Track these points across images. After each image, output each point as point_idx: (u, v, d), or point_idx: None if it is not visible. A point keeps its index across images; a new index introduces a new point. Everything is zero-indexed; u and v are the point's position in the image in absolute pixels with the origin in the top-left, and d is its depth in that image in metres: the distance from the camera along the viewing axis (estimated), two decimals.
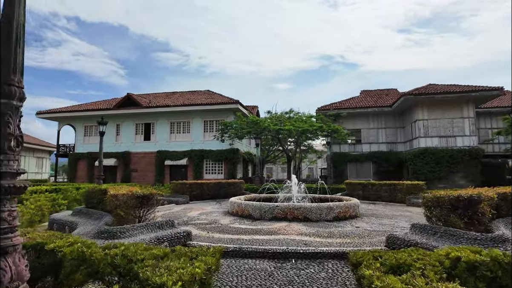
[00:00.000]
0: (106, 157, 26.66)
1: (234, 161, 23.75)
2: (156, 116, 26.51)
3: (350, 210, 8.58)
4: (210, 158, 24.49)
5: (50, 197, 9.82)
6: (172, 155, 25.41)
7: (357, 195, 14.40)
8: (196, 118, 25.66)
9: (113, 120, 27.45)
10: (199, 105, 24.57)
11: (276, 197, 10.85)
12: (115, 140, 27.41)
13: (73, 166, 27.75)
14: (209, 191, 14.05)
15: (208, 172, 24.86)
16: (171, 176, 25.72)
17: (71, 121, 28.62)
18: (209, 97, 26.24)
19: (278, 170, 73.73)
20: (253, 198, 11.44)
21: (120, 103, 26.69)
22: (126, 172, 26.44)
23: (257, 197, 11.42)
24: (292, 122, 21.93)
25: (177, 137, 26.15)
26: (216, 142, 24.15)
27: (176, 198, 12.93)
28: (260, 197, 11.40)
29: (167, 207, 11.54)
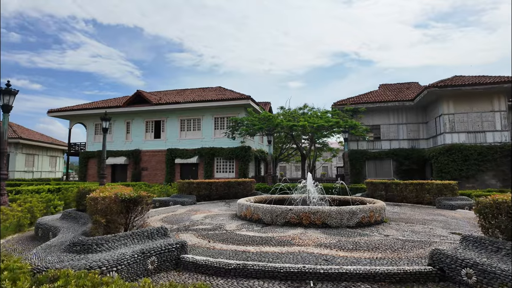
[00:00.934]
0: (116, 155, 26.32)
1: (246, 159, 22.80)
2: (166, 113, 25.88)
3: (375, 215, 7.45)
4: (221, 156, 23.63)
5: (45, 198, 9.14)
6: (182, 153, 24.71)
7: (379, 196, 13.15)
8: (207, 115, 24.86)
9: (123, 118, 27.06)
10: (210, 102, 23.73)
11: (290, 198, 9.80)
12: (125, 138, 26.98)
13: (84, 165, 27.52)
14: (218, 191, 13.13)
15: (219, 171, 24.02)
16: (182, 175, 25.06)
17: (82, 120, 28.40)
18: (220, 93, 25.38)
19: (291, 169, 72.47)
20: (264, 199, 10.44)
21: (130, 100, 26.20)
22: (136, 171, 25.96)
23: (269, 198, 10.41)
24: (306, 118, 20.75)
25: (187, 134, 25.44)
26: (227, 140, 23.27)
27: (182, 198, 12.08)
28: (272, 198, 10.38)
29: (172, 208, 10.69)
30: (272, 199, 10.15)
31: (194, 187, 12.69)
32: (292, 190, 12.38)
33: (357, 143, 24.44)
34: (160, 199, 11.96)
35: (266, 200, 10.45)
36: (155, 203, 11.84)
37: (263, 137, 29.06)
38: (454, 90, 19.46)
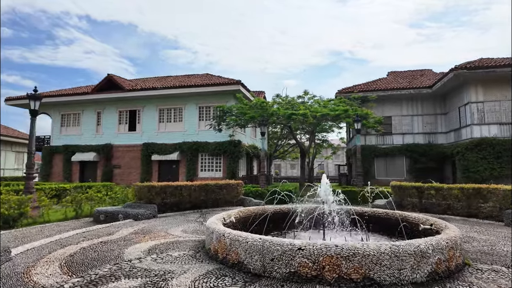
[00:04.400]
0: (85, 150, 22.59)
1: (235, 156, 19.25)
2: (143, 101, 22.15)
3: (456, 254, 4.00)
4: (206, 152, 20.04)
5: None
6: (160, 148, 21.05)
7: (410, 204, 9.74)
8: (190, 104, 21.20)
9: (93, 106, 23.27)
10: (193, 87, 20.08)
11: (292, 212, 6.36)
12: (95, 130, 23.19)
13: (47, 162, 23.66)
14: (191, 198, 9.57)
15: (204, 169, 20.44)
16: (160, 174, 21.42)
17: (46, 109, 24.47)
18: (206, 79, 21.72)
19: (286, 167, 69.13)
20: (252, 215, 6.93)
21: (100, 86, 22.40)
22: (107, 168, 22.22)
23: (259, 213, 6.90)
24: (307, 106, 17.28)
25: (167, 126, 21.76)
26: (213, 133, 19.68)
27: (137, 209, 8.50)
28: (265, 212, 6.88)
29: (112, 227, 7.12)
30: (265, 214, 6.64)
31: (157, 193, 9.08)
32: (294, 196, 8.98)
33: (365, 137, 21.06)
34: (106, 209, 8.37)
35: (255, 215, 6.93)
36: (99, 216, 8.27)
37: (256, 131, 25.52)
38: (486, 73, 16.13)
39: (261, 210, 7.08)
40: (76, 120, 23.94)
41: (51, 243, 5.36)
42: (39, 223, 8.01)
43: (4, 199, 7.61)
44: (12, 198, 7.56)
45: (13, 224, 7.52)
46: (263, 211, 7.06)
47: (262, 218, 6.60)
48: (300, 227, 6.27)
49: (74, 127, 23.92)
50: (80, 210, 9.16)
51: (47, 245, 5.21)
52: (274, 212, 6.96)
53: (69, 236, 5.97)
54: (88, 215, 9.31)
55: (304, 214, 6.37)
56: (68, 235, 6.07)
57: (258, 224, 6.67)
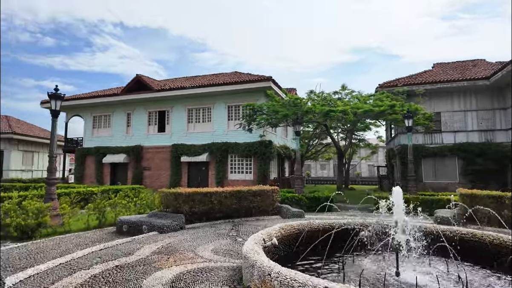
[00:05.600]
0: (115, 152, 22.55)
1: (267, 157, 18.10)
2: (171, 101, 21.67)
3: None
4: (236, 153, 19.08)
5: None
6: (189, 149, 20.41)
7: (485, 216, 8.01)
8: (219, 103, 20.36)
9: (123, 108, 23.19)
10: (222, 85, 19.20)
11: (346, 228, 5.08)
12: (125, 132, 23.09)
13: (80, 164, 23.95)
14: (222, 206, 8.51)
15: (234, 171, 19.49)
16: (189, 176, 20.81)
17: (79, 111, 24.86)
18: (235, 77, 20.78)
19: (317, 167, 66.89)
20: (296, 231, 5.71)
21: (129, 86, 22.23)
22: (137, 170, 22.00)
23: (305, 229, 5.67)
24: (346, 102, 15.73)
25: (196, 127, 21.09)
26: (243, 133, 18.68)
27: (163, 220, 7.59)
28: (312, 227, 5.64)
29: (139, 240, 6.23)
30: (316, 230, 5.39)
31: (184, 201, 8.12)
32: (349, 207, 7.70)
33: None
34: (129, 219, 7.54)
35: (300, 233, 5.71)
36: (122, 226, 7.46)
37: (286, 130, 24.23)
38: None
39: (306, 226, 5.83)
40: (107, 122, 24.04)
41: (60, 267, 4.49)
42: (59, 234, 7.33)
43: (25, 206, 7.00)
44: (30, 206, 6.91)
45: (32, 234, 6.88)
46: (309, 227, 5.82)
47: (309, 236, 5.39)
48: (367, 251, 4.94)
49: (105, 128, 24.03)
50: (104, 219, 8.44)
51: (53, 270, 4.33)
52: (323, 229, 5.70)
53: (83, 256, 5.10)
54: (112, 224, 8.58)
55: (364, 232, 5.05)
56: (83, 253, 5.21)
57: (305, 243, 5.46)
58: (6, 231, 6.72)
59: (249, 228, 7.61)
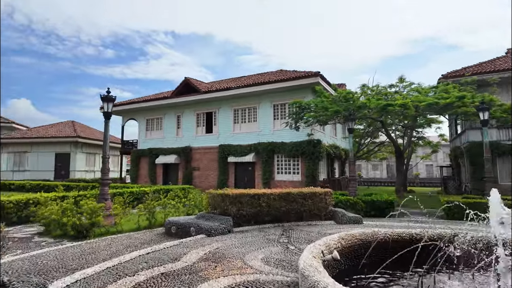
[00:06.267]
0: (167, 153, 23.41)
1: (315, 157, 17.20)
2: (218, 102, 21.83)
3: None
4: (282, 153, 18.47)
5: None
6: (236, 150, 20.32)
7: None
8: (264, 102, 19.96)
9: (174, 110, 24.00)
10: (267, 84, 18.77)
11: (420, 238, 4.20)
12: (176, 133, 23.85)
13: (135, 164, 25.33)
14: (270, 209, 7.98)
15: (281, 172, 18.91)
16: (236, 176, 20.73)
17: (134, 115, 26.34)
18: (281, 75, 20.21)
19: (368, 168, 63.29)
20: (358, 242, 4.95)
21: (178, 89, 22.90)
22: (187, 171, 22.55)
23: (368, 239, 4.90)
24: (405, 95, 14.22)
25: (242, 127, 20.95)
26: (290, 132, 18.04)
27: (211, 222, 7.30)
28: (375, 237, 4.85)
29: (186, 244, 5.98)
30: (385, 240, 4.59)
31: (231, 202, 7.76)
32: None
33: (480, 131, 16.66)
34: (178, 220, 7.39)
35: (362, 243, 4.95)
36: (171, 228, 7.33)
37: (335, 129, 22.98)
38: None
39: (370, 236, 5.03)
40: (159, 124, 25.10)
41: (106, 272, 4.34)
42: (111, 234, 7.45)
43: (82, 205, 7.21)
44: (85, 206, 7.09)
45: (86, 234, 7.05)
46: (373, 237, 5.01)
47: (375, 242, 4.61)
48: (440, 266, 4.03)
49: (157, 131, 25.11)
50: (153, 219, 8.45)
51: (99, 275, 4.18)
52: (392, 239, 4.87)
53: (130, 260, 4.93)
54: (161, 224, 8.57)
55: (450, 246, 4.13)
56: (130, 257, 5.05)
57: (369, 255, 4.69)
58: (64, 230, 6.96)
59: (301, 234, 6.97)
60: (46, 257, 5.33)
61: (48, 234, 7.33)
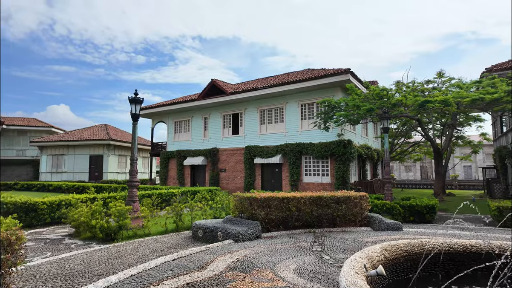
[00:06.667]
0: (194, 155, 23.57)
1: (346, 158, 16.43)
2: (244, 103, 21.64)
3: None
4: (310, 154, 17.86)
5: None
6: (262, 151, 19.97)
7: None
8: (291, 102, 19.46)
9: (201, 113, 24.14)
10: (295, 83, 18.26)
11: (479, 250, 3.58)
12: (203, 135, 23.95)
13: (164, 166, 25.77)
14: (301, 214, 7.53)
15: (309, 173, 18.29)
16: (263, 178, 20.38)
17: (163, 117, 26.85)
18: (308, 74, 19.61)
19: (400, 169, 60.48)
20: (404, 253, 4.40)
21: (205, 92, 22.98)
22: (214, 172, 22.54)
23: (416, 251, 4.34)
24: (444, 91, 13.15)
25: (268, 128, 20.58)
26: (318, 132, 17.41)
27: (238, 226, 6.99)
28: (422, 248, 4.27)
29: (213, 250, 5.71)
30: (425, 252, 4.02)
31: (259, 206, 7.40)
32: None
33: None
34: (205, 224, 7.16)
35: (409, 255, 4.39)
36: (198, 231, 7.12)
37: (366, 128, 21.96)
38: None
39: (417, 247, 4.46)
40: (186, 126, 25.37)
41: (130, 280, 4.13)
42: (139, 236, 7.36)
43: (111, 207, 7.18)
44: (113, 209, 7.04)
45: (114, 236, 7.00)
46: (420, 248, 4.44)
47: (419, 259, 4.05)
48: None
49: (185, 133, 25.39)
50: (180, 222, 8.30)
51: (123, 284, 3.97)
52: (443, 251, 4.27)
53: (155, 267, 4.71)
54: (188, 228, 8.41)
55: None
56: (155, 264, 4.83)
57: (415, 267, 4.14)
58: (93, 232, 6.95)
59: (335, 242, 6.46)
60: (73, 261, 5.27)
61: (78, 236, 7.38)
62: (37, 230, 8.27)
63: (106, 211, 7.52)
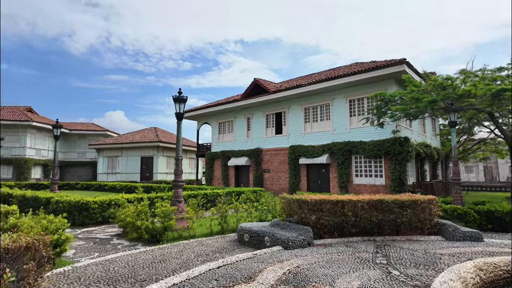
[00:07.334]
0: (238, 155, 23.47)
1: (402, 158, 14.93)
2: (288, 102, 20.97)
3: None
4: (361, 153, 16.57)
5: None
6: (307, 151, 19.10)
7: None
8: (338, 98, 18.33)
9: (243, 113, 23.97)
10: (343, 77, 17.14)
11: None
12: (246, 135, 23.75)
13: (209, 167, 26.06)
14: (358, 219, 6.68)
15: (360, 174, 17.00)
16: (308, 179, 19.50)
17: (207, 119, 27.23)
18: (356, 68, 18.32)
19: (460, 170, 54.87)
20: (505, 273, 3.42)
21: (247, 91, 22.76)
22: (258, 173, 22.17)
23: None
24: None
25: (313, 127, 19.64)
26: (370, 130, 16.12)
27: (287, 232, 6.37)
28: None
29: (261, 257, 5.17)
30: None
31: (310, 210, 6.71)
32: None
33: None
34: (251, 227, 6.68)
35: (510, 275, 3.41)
36: (243, 235, 6.68)
37: (424, 124, 19.93)
38: None
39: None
40: (230, 127, 25.40)
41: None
42: (183, 238, 7.11)
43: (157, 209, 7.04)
44: (157, 210, 6.87)
45: (159, 238, 6.82)
46: None
47: None
48: None
49: (228, 133, 25.44)
50: (226, 224, 7.92)
51: None
52: None
53: (199, 275, 4.30)
54: (233, 230, 8.01)
55: None
56: (199, 271, 4.42)
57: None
58: (139, 233, 6.84)
59: (402, 253, 5.53)
60: (118, 263, 5.10)
61: (126, 236, 7.35)
62: (89, 228, 8.49)
63: (153, 211, 7.41)
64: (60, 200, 8.90)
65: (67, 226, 5.25)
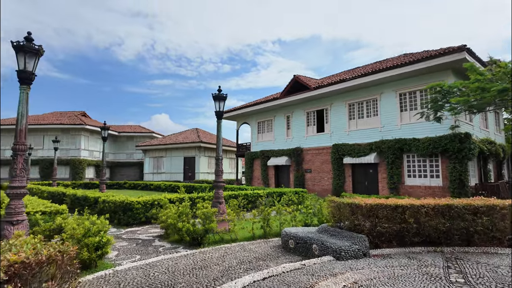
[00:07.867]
0: (278, 155, 22.97)
1: (463, 156, 13.30)
2: (330, 98, 19.96)
3: None
4: (414, 151, 15.11)
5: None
6: (353, 149, 17.95)
7: None
8: (387, 92, 16.96)
9: (283, 111, 23.38)
10: (391, 69, 15.80)
11: None
12: (285, 135, 23.13)
13: (249, 167, 25.87)
14: (421, 226, 5.80)
15: (412, 175, 15.53)
16: (354, 180, 18.34)
17: (247, 119, 27.07)
18: (406, 58, 16.78)
19: None
20: None
21: (287, 89, 22.13)
22: (299, 173, 21.45)
23: None
24: None
25: (358, 124, 18.43)
26: (422, 126, 14.66)
27: (336, 239, 5.72)
28: None
29: (310, 269, 4.62)
30: None
31: (364, 215, 5.97)
32: None
33: None
34: (296, 233, 6.14)
35: None
36: (288, 241, 6.18)
37: (486, 119, 17.73)
38: None
39: None
40: (269, 126, 24.97)
41: None
42: (225, 242, 6.78)
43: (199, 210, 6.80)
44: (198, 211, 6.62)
45: (201, 241, 6.55)
46: None
47: None
48: None
49: (268, 133, 25.02)
50: (268, 228, 7.46)
51: None
52: None
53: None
54: (277, 234, 7.52)
55: None
56: (243, 284, 3.99)
57: None
58: (180, 235, 6.64)
59: (481, 269, 4.60)
60: (158, 268, 4.87)
61: (167, 237, 7.21)
62: (133, 228, 8.55)
63: (195, 211, 7.20)
64: (106, 199, 9.12)
65: (108, 227, 5.15)
